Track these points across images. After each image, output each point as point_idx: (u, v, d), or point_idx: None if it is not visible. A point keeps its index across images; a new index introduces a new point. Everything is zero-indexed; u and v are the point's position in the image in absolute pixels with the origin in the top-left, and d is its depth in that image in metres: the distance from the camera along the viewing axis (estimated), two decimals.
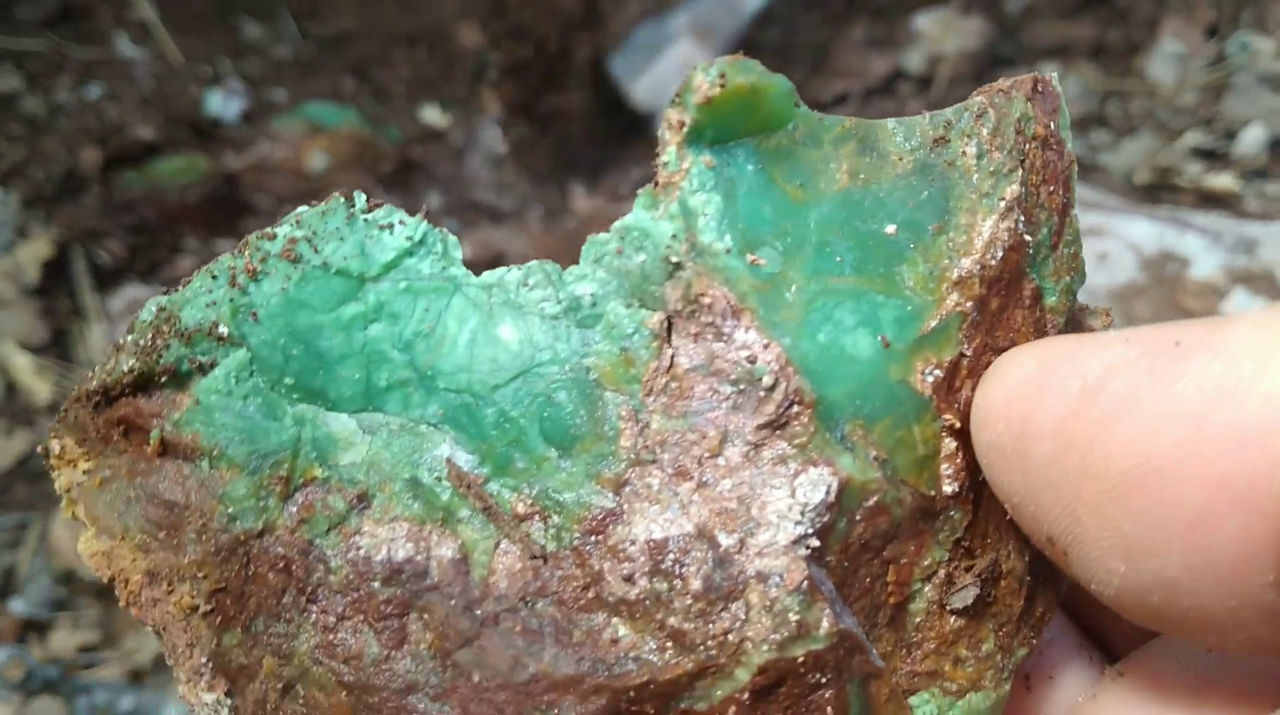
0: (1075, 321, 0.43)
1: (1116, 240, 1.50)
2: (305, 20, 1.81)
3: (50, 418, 1.30)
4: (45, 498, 1.47)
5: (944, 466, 0.40)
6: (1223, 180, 1.68)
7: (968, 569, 0.41)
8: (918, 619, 0.41)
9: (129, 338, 0.39)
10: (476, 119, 1.79)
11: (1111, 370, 0.32)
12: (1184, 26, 1.89)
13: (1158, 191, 1.69)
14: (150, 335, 0.39)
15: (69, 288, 1.58)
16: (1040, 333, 0.41)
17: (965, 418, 0.40)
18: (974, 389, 0.40)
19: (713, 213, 0.39)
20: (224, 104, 1.74)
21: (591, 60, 1.76)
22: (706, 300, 0.38)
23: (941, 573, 0.41)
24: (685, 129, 0.38)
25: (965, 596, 0.41)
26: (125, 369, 0.39)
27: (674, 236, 0.38)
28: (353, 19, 1.82)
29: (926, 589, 0.41)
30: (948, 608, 0.41)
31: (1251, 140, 1.73)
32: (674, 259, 0.38)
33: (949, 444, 0.40)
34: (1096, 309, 0.45)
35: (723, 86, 0.37)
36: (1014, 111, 0.40)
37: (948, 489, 0.40)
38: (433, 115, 1.79)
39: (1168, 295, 1.45)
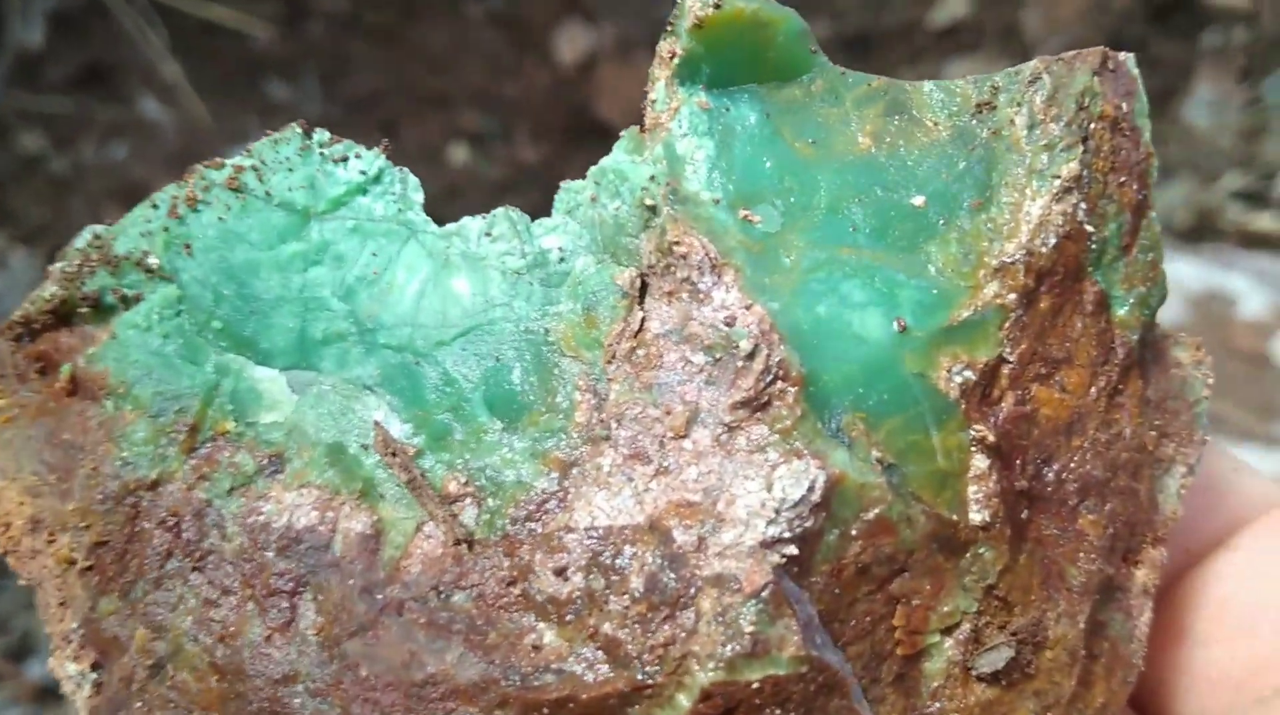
0: (1154, 347, 0.36)
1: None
2: (331, 82, 1.82)
3: None
4: None
5: (972, 489, 0.33)
6: (1264, 220, 1.66)
7: (1001, 626, 0.34)
8: (934, 682, 0.34)
9: (58, 266, 0.36)
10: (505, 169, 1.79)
11: None
12: (1217, 72, 1.85)
13: (1200, 234, 1.68)
14: (78, 262, 0.35)
15: None
16: (1106, 349, 0.34)
17: (1003, 434, 0.33)
18: (1017, 403, 0.33)
19: (703, 160, 0.34)
20: None
21: None
22: (681, 249, 0.32)
23: (967, 626, 0.33)
24: (676, 61, 0.33)
25: (996, 659, 0.34)
26: (47, 297, 0.35)
27: (653, 179, 0.33)
28: (379, 80, 1.83)
29: (946, 644, 0.33)
30: (974, 672, 0.34)
31: None
32: (649, 203, 0.33)
33: (980, 462, 0.33)
34: (1184, 339, 0.37)
35: (718, 7, 0.33)
36: (1076, 83, 0.35)
37: (976, 517, 0.33)
38: (460, 154, 1.79)
39: (1217, 334, 1.42)
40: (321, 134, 0.36)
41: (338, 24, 1.84)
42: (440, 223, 0.36)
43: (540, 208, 0.36)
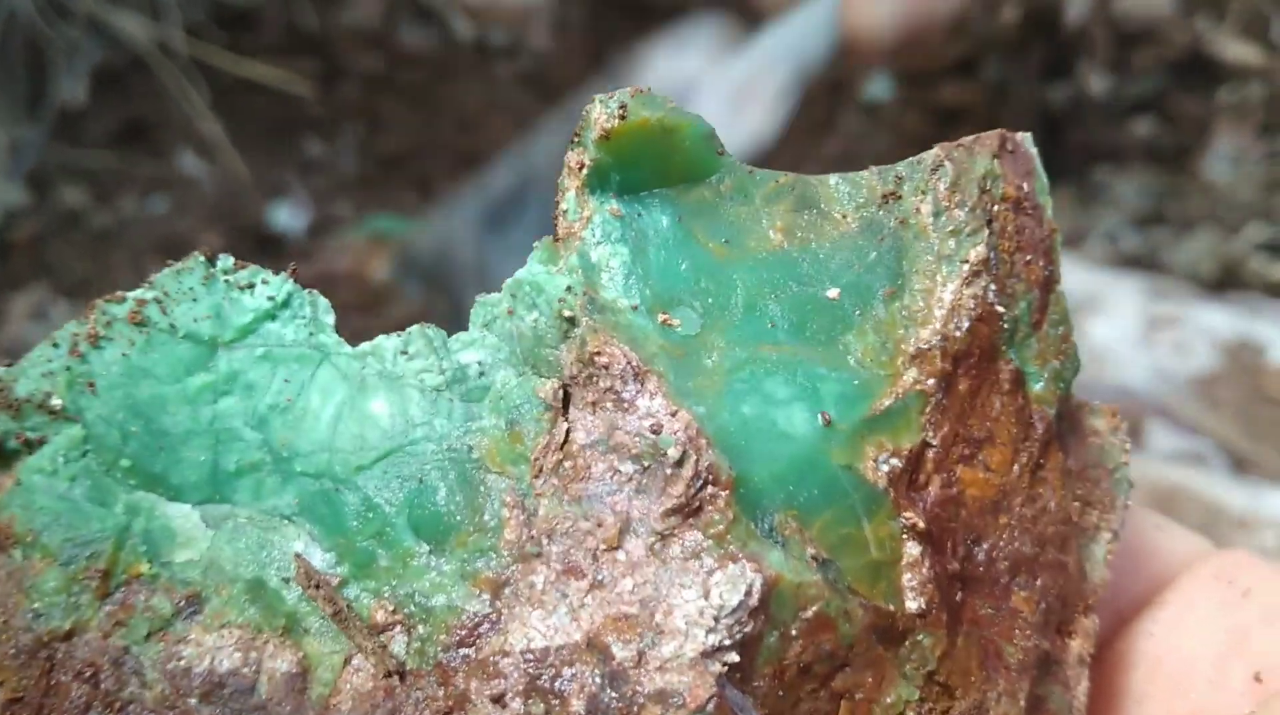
0: (1071, 417, 0.37)
1: (1191, 328, 1.57)
2: (366, 140, 1.91)
3: None
4: None
5: (906, 576, 0.33)
6: None
7: (944, 712, 0.33)
8: None
9: None
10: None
11: None
12: (1235, 127, 1.94)
13: (1226, 284, 1.74)
14: None
15: None
16: (1025, 426, 0.35)
17: (932, 519, 0.33)
18: (943, 486, 0.33)
19: (618, 267, 0.34)
20: (289, 217, 1.82)
21: None
22: (603, 360, 0.32)
23: None
24: (585, 172, 0.34)
25: None
26: None
27: (569, 289, 0.33)
28: (412, 138, 1.91)
29: None
30: None
31: None
32: (567, 314, 0.33)
33: (912, 549, 0.33)
34: (1100, 407, 0.38)
35: (623, 118, 0.33)
36: (977, 168, 0.36)
37: (912, 605, 0.33)
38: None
39: (1250, 381, 1.49)
40: (226, 261, 0.36)
41: (373, 83, 1.94)
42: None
43: None
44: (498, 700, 0.31)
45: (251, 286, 0.36)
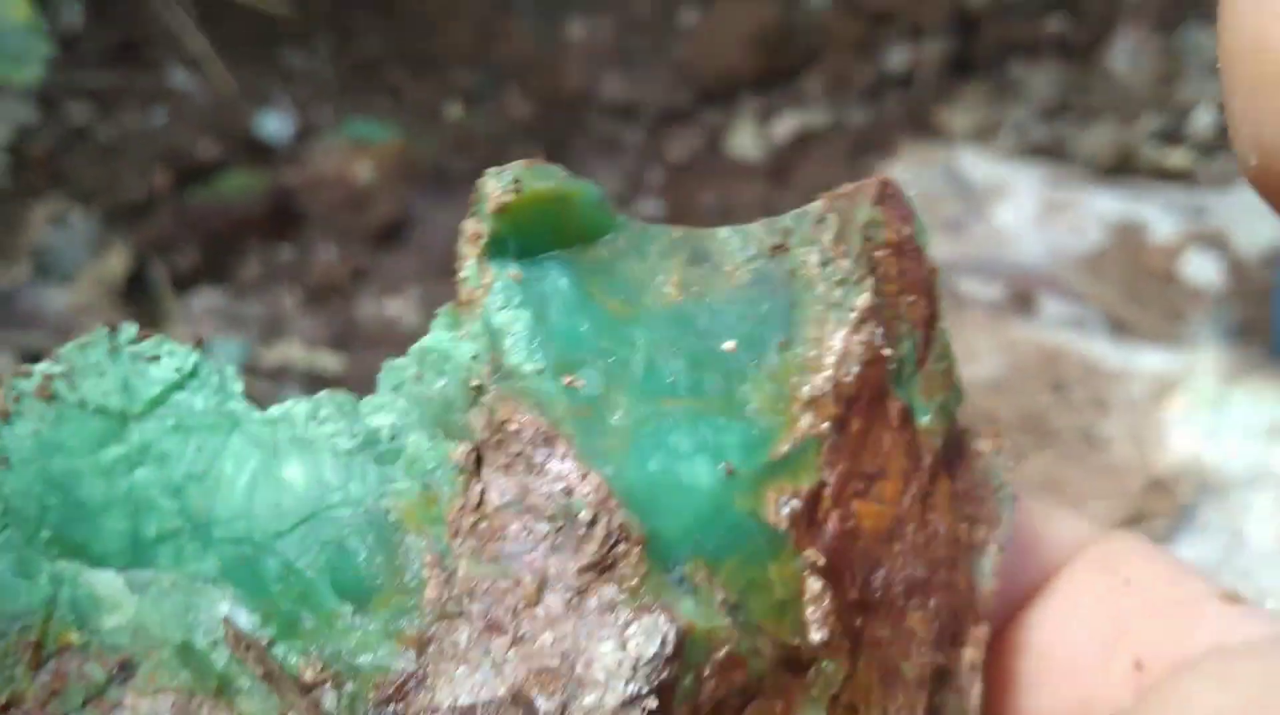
0: (957, 443, 0.39)
1: (1084, 211, 1.77)
2: (339, 48, 2.08)
3: None
4: None
5: (809, 610, 0.36)
6: (1176, 157, 1.91)
7: None
8: None
9: None
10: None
11: None
12: (1136, 22, 2.11)
13: (1119, 170, 1.92)
14: None
15: (150, 293, 1.80)
16: (914, 458, 0.37)
17: (831, 553, 0.35)
18: (840, 521, 0.36)
19: (521, 331, 0.35)
20: (276, 125, 1.97)
21: None
22: (513, 427, 0.34)
23: None
24: (483, 240, 0.34)
25: None
26: None
27: (474, 357, 0.34)
28: (380, 45, 2.07)
29: None
30: None
31: (1202, 123, 1.99)
32: (475, 382, 0.34)
33: (814, 584, 0.36)
34: (984, 430, 0.41)
35: (518, 192, 0.34)
36: (859, 216, 0.37)
37: (816, 636, 0.35)
38: (455, 112, 2.07)
39: (1131, 257, 1.69)
40: (129, 331, 0.36)
41: None
42: (451, 178, 0.37)
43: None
44: None
45: (157, 358, 0.36)
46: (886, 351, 0.37)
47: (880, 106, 2.11)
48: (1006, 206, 1.79)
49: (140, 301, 1.77)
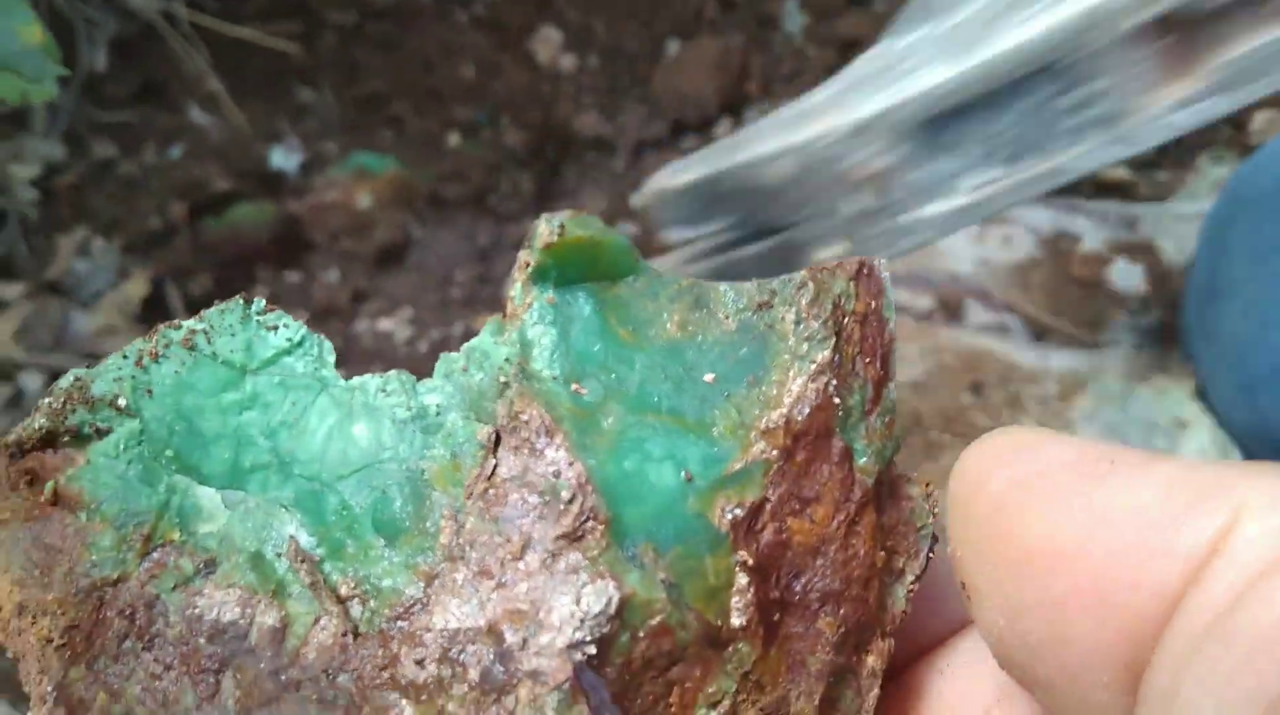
0: (891, 485, 0.47)
1: (1019, 226, 1.86)
2: (345, 86, 2.21)
3: None
4: None
5: (734, 600, 0.43)
6: (1117, 171, 1.95)
7: (754, 702, 0.44)
8: None
9: (46, 401, 0.46)
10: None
11: (1056, 463, 0.37)
12: None
13: (1058, 190, 1.99)
14: (62, 400, 0.46)
15: (167, 317, 1.96)
16: (848, 490, 0.45)
17: (761, 557, 0.43)
18: (775, 532, 0.44)
19: (548, 344, 0.44)
20: (285, 158, 2.13)
21: None
22: (525, 417, 0.43)
23: (727, 702, 0.44)
24: (530, 268, 0.44)
25: None
26: (36, 427, 0.46)
27: (507, 360, 0.44)
28: (385, 83, 2.21)
29: None
30: None
31: None
32: (503, 379, 0.44)
33: (742, 579, 0.43)
34: (916, 479, 0.48)
35: (561, 236, 0.44)
36: (835, 287, 0.45)
37: (735, 621, 0.43)
38: (454, 140, 2.19)
39: (1060, 265, 1.78)
40: (259, 303, 0.47)
41: (347, 36, 2.24)
42: (446, 204, 0.47)
43: (525, 189, 0.47)
44: (419, 663, 0.42)
45: (276, 328, 0.47)
46: (836, 400, 0.46)
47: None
48: None
49: (157, 324, 1.89)
